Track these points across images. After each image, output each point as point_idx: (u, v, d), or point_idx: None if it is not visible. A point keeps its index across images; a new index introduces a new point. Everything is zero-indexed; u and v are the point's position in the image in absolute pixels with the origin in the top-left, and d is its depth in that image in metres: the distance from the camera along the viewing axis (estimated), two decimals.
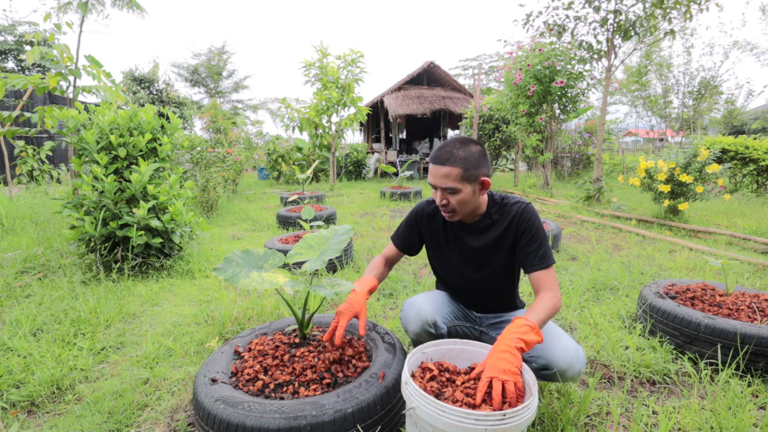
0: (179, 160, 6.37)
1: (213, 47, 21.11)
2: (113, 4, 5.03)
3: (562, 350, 1.27)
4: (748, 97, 11.96)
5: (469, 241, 1.50)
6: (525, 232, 1.40)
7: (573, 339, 1.33)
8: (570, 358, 1.25)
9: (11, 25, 12.70)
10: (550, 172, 7.93)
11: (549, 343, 1.29)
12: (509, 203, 1.46)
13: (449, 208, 1.38)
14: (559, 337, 1.32)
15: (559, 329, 1.37)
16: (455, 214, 1.40)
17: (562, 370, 1.26)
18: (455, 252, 1.55)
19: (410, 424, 1.11)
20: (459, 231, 1.52)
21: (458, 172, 1.31)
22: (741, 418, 1.35)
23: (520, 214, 1.42)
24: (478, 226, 1.47)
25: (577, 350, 1.28)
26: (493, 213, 1.46)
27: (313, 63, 9.18)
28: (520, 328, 1.15)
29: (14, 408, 1.57)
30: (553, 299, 1.29)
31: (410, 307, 1.52)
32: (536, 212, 1.44)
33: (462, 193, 1.34)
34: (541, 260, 1.36)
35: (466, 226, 1.50)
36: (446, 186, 1.33)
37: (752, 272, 3.02)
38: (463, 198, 1.34)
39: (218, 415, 1.15)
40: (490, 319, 1.63)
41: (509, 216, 1.43)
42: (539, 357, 1.30)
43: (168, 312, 2.43)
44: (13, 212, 4.43)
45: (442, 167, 1.33)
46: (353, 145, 13.12)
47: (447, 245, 1.57)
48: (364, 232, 4.60)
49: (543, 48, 6.56)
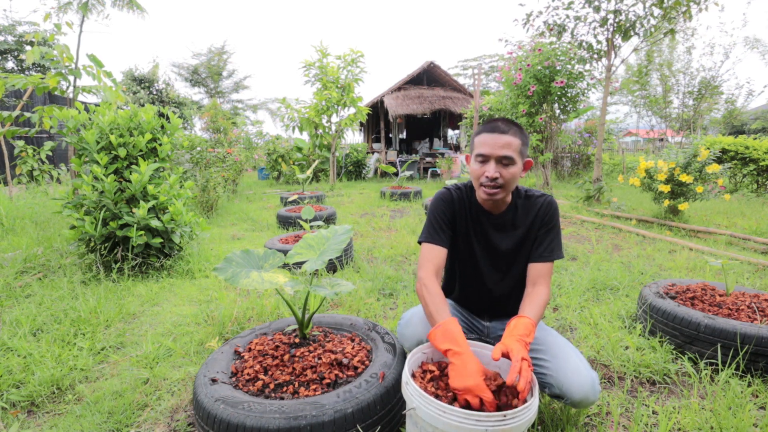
0: (179, 160, 6.37)
1: (213, 47, 21.13)
2: (113, 4, 5.03)
3: (578, 382, 1.18)
4: (748, 97, 11.97)
5: (495, 239, 1.44)
6: (546, 224, 1.40)
7: (587, 362, 1.24)
8: (585, 391, 1.17)
9: (11, 25, 12.70)
10: (550, 172, 7.92)
11: (563, 371, 1.21)
12: (534, 196, 1.44)
13: (498, 183, 1.30)
14: (574, 363, 1.22)
15: (572, 350, 1.27)
16: (501, 191, 1.32)
17: (575, 401, 1.20)
18: (480, 246, 1.47)
19: (410, 425, 1.10)
20: (486, 225, 1.44)
21: (518, 144, 1.29)
22: (741, 418, 1.35)
23: (546, 207, 1.40)
24: (504, 218, 1.43)
25: (592, 381, 1.19)
26: (519, 205, 1.43)
27: (313, 63, 9.18)
28: (525, 328, 1.15)
29: (14, 408, 1.57)
30: (548, 294, 1.32)
31: (407, 325, 1.44)
32: (558, 207, 1.43)
33: (515, 166, 1.30)
34: (551, 253, 1.36)
35: (493, 218, 1.44)
36: (506, 154, 1.27)
37: (752, 272, 3.02)
38: (515, 172, 1.30)
39: (218, 415, 1.15)
40: (498, 331, 1.54)
41: (535, 208, 1.41)
42: (552, 385, 1.22)
43: (168, 312, 2.43)
44: (13, 212, 4.43)
45: (503, 136, 1.28)
46: (353, 145, 13.12)
47: (471, 236, 1.47)
48: (364, 232, 4.60)
49: (543, 48, 6.55)
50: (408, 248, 3.78)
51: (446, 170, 10.68)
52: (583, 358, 1.25)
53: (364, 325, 1.68)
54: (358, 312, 2.39)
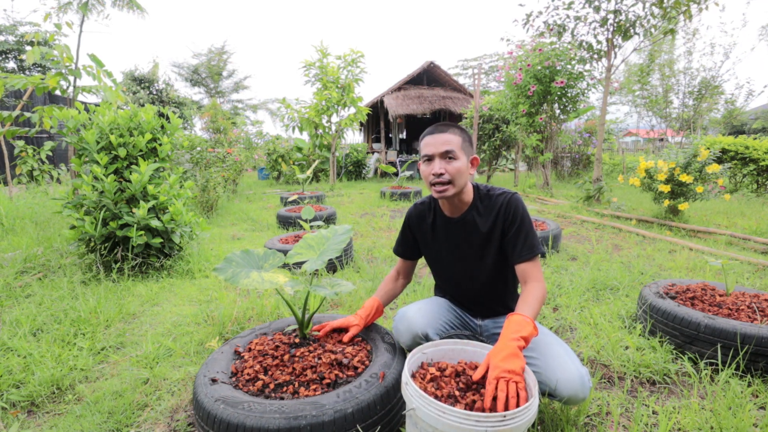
0: (179, 160, 6.37)
1: (213, 47, 21.13)
2: (113, 4, 5.03)
3: (565, 379, 1.18)
4: (748, 97, 11.96)
5: (461, 241, 1.49)
6: (512, 223, 1.40)
7: (576, 358, 1.24)
8: (574, 387, 1.17)
9: (12, 26, 12.71)
10: (550, 172, 7.93)
11: (550, 368, 1.21)
12: (495, 194, 1.45)
13: (445, 179, 1.36)
14: (562, 360, 1.22)
15: (561, 348, 1.27)
16: (451, 186, 1.37)
17: (564, 398, 1.19)
18: (446, 248, 1.53)
19: (410, 425, 1.10)
20: (448, 226, 1.50)
21: (458, 140, 1.37)
22: (741, 418, 1.35)
23: (506, 204, 1.41)
24: (465, 218, 1.46)
25: (581, 377, 1.18)
26: (479, 204, 1.46)
27: (313, 63, 9.18)
28: (518, 325, 1.15)
29: (14, 408, 1.57)
30: (542, 289, 1.31)
31: (401, 319, 1.46)
32: (522, 201, 1.43)
33: (459, 161, 1.36)
34: (529, 251, 1.36)
35: (453, 220, 1.49)
36: (447, 149, 1.34)
37: (752, 272, 3.02)
38: (459, 167, 1.35)
39: (218, 415, 1.15)
40: (491, 329, 1.57)
41: (496, 207, 1.43)
42: (541, 383, 1.22)
43: (168, 312, 2.43)
44: (13, 212, 4.43)
45: (442, 135, 1.36)
46: (353, 145, 13.12)
47: (436, 242, 1.55)
48: (364, 232, 4.60)
49: (543, 48, 6.56)
50: None
51: None
52: (573, 355, 1.24)
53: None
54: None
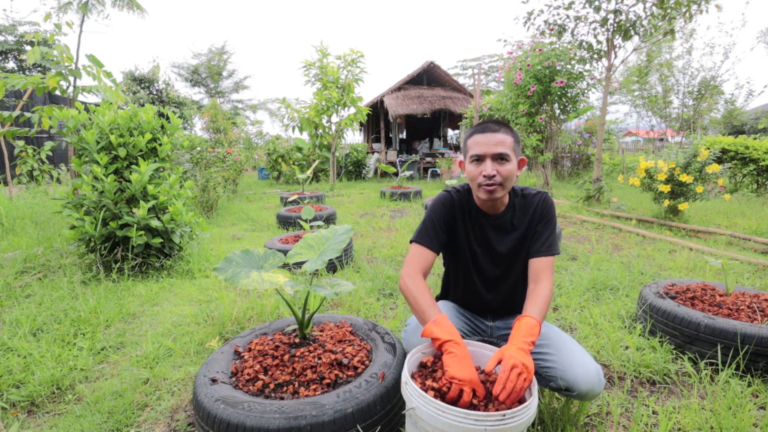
0: (179, 160, 6.37)
1: (213, 47, 21.10)
2: (113, 4, 5.03)
3: (584, 373, 1.19)
4: (748, 97, 11.95)
5: (495, 241, 1.45)
6: (543, 218, 1.42)
7: (588, 353, 1.26)
8: (592, 382, 1.18)
9: (12, 26, 12.71)
10: (550, 172, 7.92)
11: (568, 363, 1.22)
12: (530, 194, 1.46)
13: (497, 180, 1.31)
14: (580, 355, 1.24)
15: (575, 345, 1.28)
16: (500, 189, 1.32)
17: (582, 393, 1.20)
18: (481, 250, 1.48)
19: (410, 425, 1.10)
20: (486, 227, 1.45)
21: (511, 141, 1.33)
22: (741, 418, 1.35)
23: (542, 203, 1.43)
24: (502, 218, 1.44)
25: (597, 373, 1.20)
26: (516, 205, 1.45)
27: (313, 63, 9.18)
28: (530, 329, 1.16)
29: (14, 408, 1.57)
30: (551, 290, 1.32)
31: (413, 333, 1.37)
32: (553, 202, 1.45)
33: (511, 163, 1.32)
34: (549, 248, 1.38)
35: (491, 219, 1.44)
36: (500, 151, 1.29)
37: (752, 272, 3.02)
38: (511, 169, 1.32)
39: (218, 415, 1.15)
40: (501, 330, 1.54)
41: (532, 206, 1.43)
42: (558, 378, 1.23)
43: (168, 312, 2.43)
44: (13, 212, 4.43)
45: (495, 134, 1.31)
46: (353, 145, 13.12)
47: (475, 241, 1.47)
48: (364, 232, 4.60)
49: (543, 48, 6.55)
50: (408, 248, 3.78)
51: (446, 170, 10.69)
52: (587, 351, 1.27)
53: (364, 325, 1.68)
54: (358, 312, 2.39)
